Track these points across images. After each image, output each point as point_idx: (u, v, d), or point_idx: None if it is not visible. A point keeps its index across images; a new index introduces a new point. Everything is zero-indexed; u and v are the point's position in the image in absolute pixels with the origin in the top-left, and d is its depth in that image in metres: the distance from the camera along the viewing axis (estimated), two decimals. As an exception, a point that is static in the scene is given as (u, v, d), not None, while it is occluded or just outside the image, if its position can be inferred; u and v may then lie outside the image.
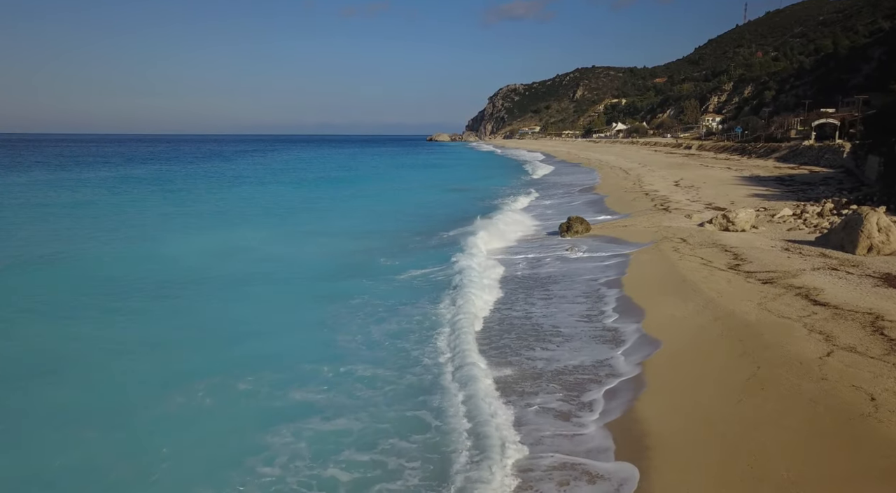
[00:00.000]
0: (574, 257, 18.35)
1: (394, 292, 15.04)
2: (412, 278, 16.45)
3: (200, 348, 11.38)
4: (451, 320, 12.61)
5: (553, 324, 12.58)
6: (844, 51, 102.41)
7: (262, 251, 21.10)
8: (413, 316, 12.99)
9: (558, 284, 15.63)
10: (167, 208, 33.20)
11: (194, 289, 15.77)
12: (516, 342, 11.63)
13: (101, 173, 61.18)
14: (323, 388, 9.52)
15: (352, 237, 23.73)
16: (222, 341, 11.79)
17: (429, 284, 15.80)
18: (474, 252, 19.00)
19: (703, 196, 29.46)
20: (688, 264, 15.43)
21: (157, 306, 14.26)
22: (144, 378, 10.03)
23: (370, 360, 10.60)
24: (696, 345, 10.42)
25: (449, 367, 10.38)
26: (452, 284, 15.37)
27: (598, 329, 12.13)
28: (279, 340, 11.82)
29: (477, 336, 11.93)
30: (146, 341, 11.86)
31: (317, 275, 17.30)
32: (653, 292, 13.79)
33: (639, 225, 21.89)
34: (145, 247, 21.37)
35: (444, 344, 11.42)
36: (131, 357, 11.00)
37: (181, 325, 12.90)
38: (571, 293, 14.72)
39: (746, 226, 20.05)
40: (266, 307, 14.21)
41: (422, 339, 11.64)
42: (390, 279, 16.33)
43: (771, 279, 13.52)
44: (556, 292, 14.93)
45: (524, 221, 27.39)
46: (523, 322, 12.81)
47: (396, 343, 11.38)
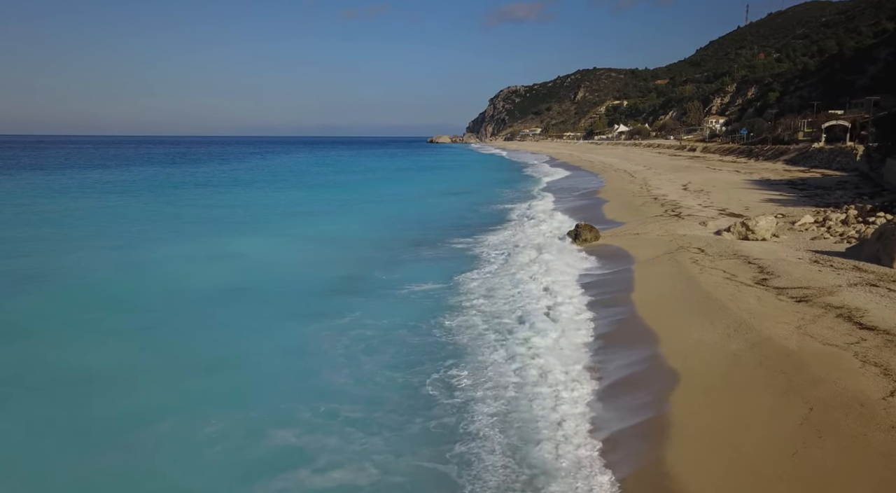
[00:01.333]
0: (581, 270, 17.07)
1: (388, 310, 13.71)
2: (410, 293, 15.13)
3: (165, 378, 10.11)
4: (449, 345, 11.33)
5: (558, 353, 11.29)
6: (850, 52, 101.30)
7: (251, 260, 19.86)
8: (409, 341, 11.66)
9: (563, 306, 14.31)
10: (155, 213, 31.90)
11: (170, 303, 14.52)
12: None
13: (93, 176, 59.90)
14: (307, 431, 8.20)
15: (347, 245, 22.48)
16: (192, 368, 10.52)
17: (428, 301, 14.48)
18: (475, 263, 17.78)
19: (714, 201, 28.17)
20: (710, 278, 14.14)
21: (125, 323, 13.01)
22: (95, 414, 8.76)
23: (360, 397, 9.26)
24: (730, 378, 9.12)
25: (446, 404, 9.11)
26: (451, 302, 14.08)
27: (613, 356, 10.84)
28: (256, 368, 10.54)
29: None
30: (105, 367, 10.64)
31: (305, 288, 16.03)
32: (674, 312, 12.49)
33: (651, 233, 20.60)
34: (125, 255, 20.08)
35: (441, 376, 10.09)
36: (84, 387, 9.76)
37: (148, 346, 11.66)
38: (576, 312, 13.42)
39: (767, 235, 18.77)
40: (247, 326, 12.92)
41: (419, 370, 10.30)
42: (386, 295, 15.04)
43: (805, 297, 12.24)
44: (561, 313, 13.63)
45: (526, 226, 26.12)
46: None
47: (391, 376, 10.03)
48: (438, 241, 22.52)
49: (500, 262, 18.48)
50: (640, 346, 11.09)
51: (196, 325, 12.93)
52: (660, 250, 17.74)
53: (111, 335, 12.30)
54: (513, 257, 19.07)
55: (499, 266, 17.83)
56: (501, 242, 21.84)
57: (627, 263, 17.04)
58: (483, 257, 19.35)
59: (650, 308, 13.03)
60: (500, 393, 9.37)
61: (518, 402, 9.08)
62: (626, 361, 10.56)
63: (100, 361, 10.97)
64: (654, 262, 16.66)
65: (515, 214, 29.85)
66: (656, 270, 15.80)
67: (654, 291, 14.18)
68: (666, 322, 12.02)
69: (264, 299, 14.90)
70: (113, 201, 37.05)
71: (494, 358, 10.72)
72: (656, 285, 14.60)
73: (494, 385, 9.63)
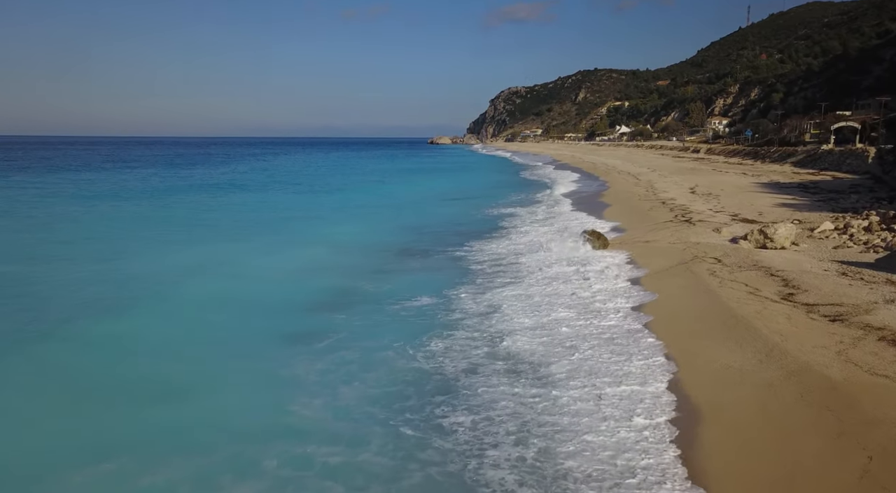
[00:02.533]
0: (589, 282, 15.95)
1: (375, 329, 12.48)
2: (400, 310, 13.89)
3: (115, 406, 9.08)
4: (436, 374, 10.13)
5: (569, 390, 10.16)
6: (854, 52, 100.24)
7: (238, 268, 18.70)
8: (394, 367, 10.44)
9: (568, 328, 13.21)
10: (146, 218, 30.74)
11: (141, 316, 13.44)
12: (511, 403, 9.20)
13: (85, 177, 58.75)
14: (273, 485, 6.96)
15: (340, 253, 21.34)
16: (147, 395, 9.45)
17: (419, 319, 13.20)
18: (469, 276, 16.68)
19: (726, 206, 27.05)
20: (731, 292, 13.02)
21: (88, 339, 12.00)
22: (15, 451, 7.70)
23: (337, 437, 8.06)
24: (768, 415, 8.00)
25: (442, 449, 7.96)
26: (442, 320, 12.91)
27: (620, 387, 9.70)
28: (222, 397, 9.43)
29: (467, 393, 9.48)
30: (56, 391, 9.66)
31: (290, 301, 14.89)
32: (695, 332, 11.36)
33: (662, 241, 19.47)
34: (107, 264, 18.94)
35: (429, 414, 8.78)
36: (29, 415, 8.70)
37: (107, 367, 10.68)
38: (582, 328, 12.30)
39: (786, 243, 17.65)
40: (221, 345, 11.85)
41: (403, 405, 9.06)
42: (374, 311, 13.84)
43: (839, 315, 11.12)
44: (561, 332, 12.51)
45: (528, 231, 25.00)
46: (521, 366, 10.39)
47: (371, 412, 8.78)
48: (434, 249, 21.36)
49: (498, 274, 17.30)
50: (658, 372, 9.97)
51: (166, 343, 11.85)
52: (673, 260, 16.61)
53: (69, 353, 11.26)
54: (513, 269, 17.94)
55: (498, 280, 16.64)
56: (500, 251, 20.61)
57: (638, 274, 15.92)
58: (479, 268, 18.05)
59: (667, 327, 11.90)
60: (494, 435, 8.18)
61: (509, 446, 7.88)
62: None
63: (51, 379, 9.99)
64: (667, 273, 15.54)
65: (513, 220, 28.64)
66: (671, 282, 14.67)
67: (669, 307, 13.06)
68: (686, 344, 10.89)
69: (245, 315, 13.79)
70: (103, 205, 35.91)
71: (489, 392, 9.50)
72: (672, 300, 13.48)
73: (489, 425, 8.45)
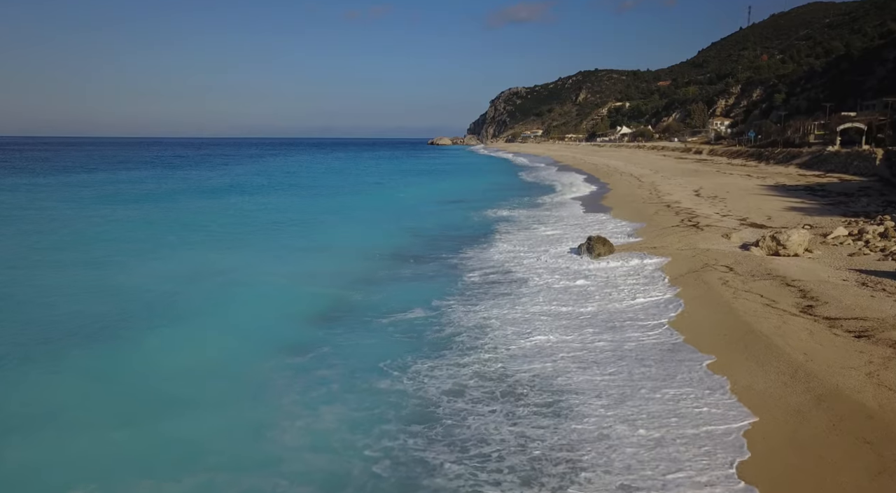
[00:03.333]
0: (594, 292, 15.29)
1: (361, 345, 11.84)
2: (389, 324, 13.15)
3: (77, 431, 8.50)
4: (415, 399, 9.39)
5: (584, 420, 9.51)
6: (857, 52, 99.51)
7: (230, 277, 17.93)
8: (377, 389, 9.75)
9: (571, 344, 12.56)
10: (140, 222, 29.93)
11: (128, 330, 12.78)
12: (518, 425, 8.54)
13: (78, 179, 58.03)
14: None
15: (335, 260, 20.61)
16: (116, 416, 8.92)
17: (408, 335, 12.46)
18: (464, 287, 16.02)
19: (733, 209, 26.38)
20: (746, 304, 12.37)
21: (69, 354, 11.39)
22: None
23: (314, 471, 7.41)
24: (799, 445, 7.34)
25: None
26: (432, 337, 12.20)
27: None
28: (193, 418, 8.86)
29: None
30: (29, 413, 9.04)
31: (279, 313, 14.20)
32: (709, 348, 10.70)
33: (670, 246, 18.82)
34: (96, 272, 18.26)
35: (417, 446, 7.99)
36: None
37: (85, 384, 10.14)
38: (583, 345, 11.65)
39: (800, 250, 17.00)
40: (202, 360, 11.36)
41: (385, 431, 8.34)
42: (362, 324, 13.14)
43: (864, 331, 10.47)
44: (564, 349, 11.86)
45: (528, 236, 24.33)
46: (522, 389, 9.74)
47: (350, 441, 8.09)
48: (429, 256, 20.60)
49: (496, 284, 16.55)
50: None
51: (145, 360, 11.26)
52: (683, 268, 15.96)
53: (46, 370, 10.62)
54: (512, 278, 17.26)
55: (495, 290, 15.92)
56: (498, 258, 19.82)
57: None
58: (476, 277, 17.25)
59: (680, 343, 11.26)
60: (485, 471, 7.47)
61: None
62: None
63: (25, 400, 9.41)
64: (677, 282, 14.89)
65: (513, 225, 27.90)
66: (681, 293, 14.02)
67: (681, 320, 12.40)
68: (701, 359, 10.23)
69: (233, 328, 13.11)
70: (95, 208, 35.18)
71: (482, 422, 8.78)
72: (684, 312, 12.82)
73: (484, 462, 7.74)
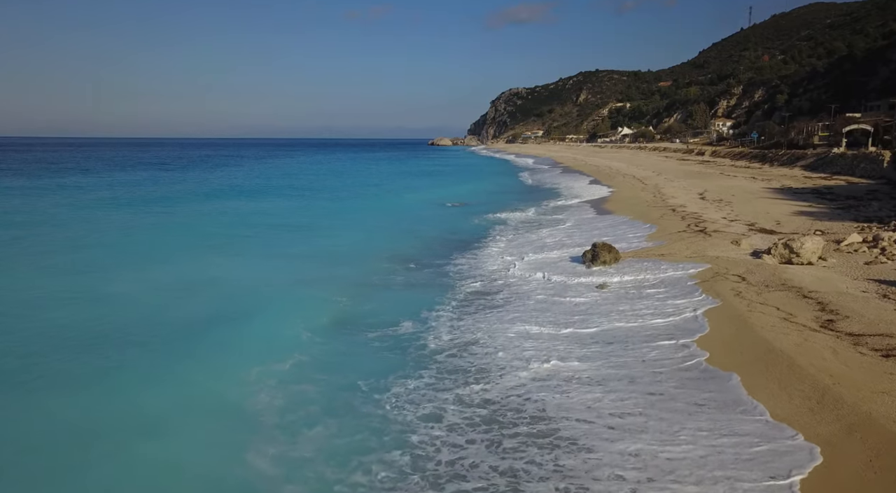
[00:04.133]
0: (604, 299, 14.63)
1: (346, 361, 11.23)
2: (376, 339, 12.48)
3: (42, 455, 8.04)
4: (396, 424, 8.71)
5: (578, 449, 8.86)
6: (861, 53, 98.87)
7: (221, 288, 17.03)
8: (359, 413, 9.10)
9: (575, 362, 11.90)
10: (128, 226, 28.96)
11: (111, 347, 12.14)
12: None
13: (70, 180, 57.28)
14: None
15: (327, 266, 19.94)
16: (91, 438, 8.49)
17: (396, 350, 11.84)
18: (459, 297, 15.39)
19: (740, 214, 25.73)
20: (763, 318, 11.72)
21: (48, 370, 10.82)
22: None
23: None
24: (835, 485, 6.68)
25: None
26: (417, 354, 11.51)
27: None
28: (172, 439, 8.42)
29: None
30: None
31: (266, 325, 13.50)
32: (727, 369, 10.05)
33: (678, 254, 18.17)
34: (75, 281, 17.47)
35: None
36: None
37: (61, 402, 9.60)
38: (585, 362, 10.99)
39: (814, 258, 16.35)
40: (185, 374, 10.80)
41: (361, 462, 7.70)
42: (349, 338, 12.54)
43: (892, 349, 9.82)
44: (567, 368, 11.20)
45: (531, 242, 23.68)
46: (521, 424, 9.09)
47: (323, 475, 7.50)
48: (425, 264, 19.84)
49: (495, 295, 15.84)
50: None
51: (128, 374, 10.70)
52: (693, 278, 15.30)
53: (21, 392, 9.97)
54: (512, 288, 16.56)
55: (493, 303, 15.21)
56: (498, 266, 19.06)
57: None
58: (473, 288, 16.56)
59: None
60: None
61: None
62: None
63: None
64: (686, 291, 14.23)
65: (514, 230, 27.22)
66: (693, 305, 13.36)
67: (693, 335, 11.74)
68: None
69: (218, 342, 12.43)
70: (87, 211, 34.47)
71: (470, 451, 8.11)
72: (696, 326, 12.16)
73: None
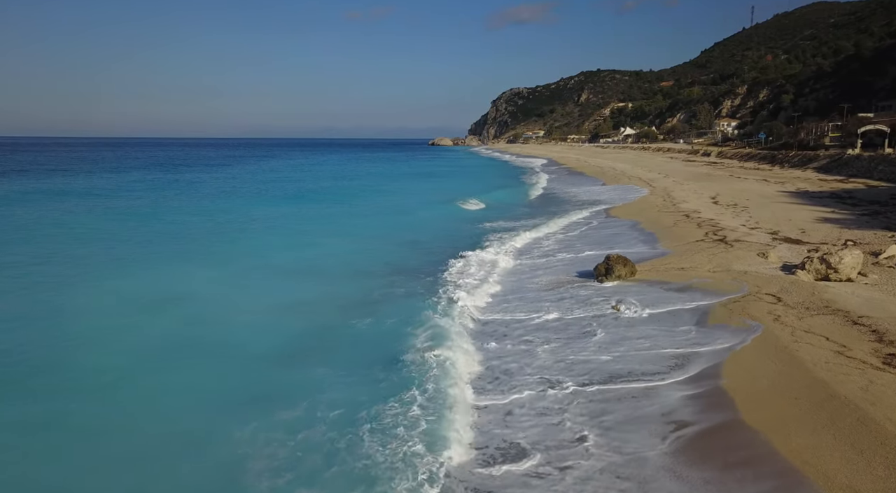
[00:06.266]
0: (625, 322, 12.92)
1: (334, 400, 9.57)
2: (368, 371, 10.80)
3: None
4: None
5: None
6: (869, 52, 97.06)
7: (193, 305, 15.23)
8: (348, 469, 7.56)
9: (605, 404, 10.20)
10: (97, 231, 26.91)
11: (65, 377, 10.55)
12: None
13: (55, 183, 55.58)
14: None
15: (315, 280, 18.15)
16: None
17: (386, 383, 10.25)
18: (457, 314, 13.73)
19: (759, 220, 24.01)
20: (812, 350, 10.01)
21: None
22: None
23: None
24: None
25: None
26: (417, 388, 9.87)
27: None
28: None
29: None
30: None
31: (245, 352, 11.98)
32: (779, 418, 8.32)
33: (700, 267, 16.45)
34: (29, 296, 15.69)
35: None
36: None
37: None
38: (601, 400, 9.29)
39: (853, 274, 14.68)
40: (155, 413, 9.28)
41: None
42: (338, 368, 10.89)
43: (980, 397, 8.11)
44: (579, 411, 9.50)
45: (533, 252, 21.97)
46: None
47: None
48: (421, 277, 17.88)
49: (496, 319, 14.14)
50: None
51: (91, 411, 9.27)
52: (721, 297, 13.59)
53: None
54: (518, 304, 14.89)
55: (495, 330, 13.50)
56: (499, 285, 17.25)
57: (685, 317, 12.86)
58: (473, 304, 14.86)
59: (735, 407, 8.86)
60: None
61: None
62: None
63: None
64: (717, 316, 12.51)
65: (516, 237, 25.23)
66: (725, 331, 11.64)
67: (732, 371, 10.01)
68: (775, 444, 7.83)
69: (193, 371, 10.92)
70: (59, 212, 32.59)
71: None
72: (733, 360, 10.44)
73: None
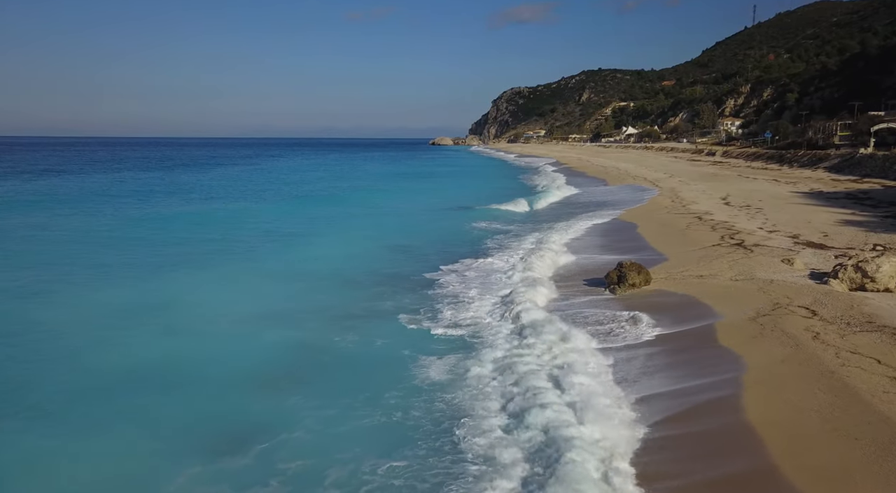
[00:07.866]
0: (640, 344, 11.67)
1: (321, 435, 8.42)
2: (357, 400, 9.59)
3: None
4: None
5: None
6: (875, 51, 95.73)
7: (182, 315, 14.24)
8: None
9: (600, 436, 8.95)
10: (85, 235, 25.83)
11: (41, 395, 9.52)
12: None
13: (43, 184, 54.46)
14: None
15: (304, 289, 16.94)
16: None
17: (378, 411, 9.14)
18: (456, 332, 12.51)
19: (777, 223, 22.74)
20: (864, 376, 8.74)
21: None
22: None
23: None
24: None
25: None
26: (413, 417, 8.73)
27: None
28: None
29: None
30: None
31: (233, 372, 10.86)
32: (839, 467, 7.03)
33: (720, 275, 15.17)
34: (5, 306, 14.73)
35: None
36: None
37: None
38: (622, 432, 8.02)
39: (891, 283, 13.41)
40: (124, 449, 8.16)
41: None
42: (324, 397, 9.68)
43: None
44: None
45: (537, 259, 20.68)
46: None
47: None
48: (417, 288, 16.59)
49: (498, 335, 12.80)
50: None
51: (48, 446, 8.08)
52: (748, 310, 12.29)
53: None
54: (518, 328, 13.56)
55: (497, 345, 12.20)
56: (506, 295, 15.93)
57: (709, 335, 11.57)
58: (476, 320, 13.61)
59: (782, 452, 7.53)
60: None
61: None
62: None
63: None
64: (748, 333, 11.21)
65: (519, 244, 23.86)
66: (760, 351, 10.35)
67: (773, 402, 8.71)
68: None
69: (168, 396, 9.75)
70: (39, 215, 31.50)
71: None
72: (772, 386, 9.16)
73: None
